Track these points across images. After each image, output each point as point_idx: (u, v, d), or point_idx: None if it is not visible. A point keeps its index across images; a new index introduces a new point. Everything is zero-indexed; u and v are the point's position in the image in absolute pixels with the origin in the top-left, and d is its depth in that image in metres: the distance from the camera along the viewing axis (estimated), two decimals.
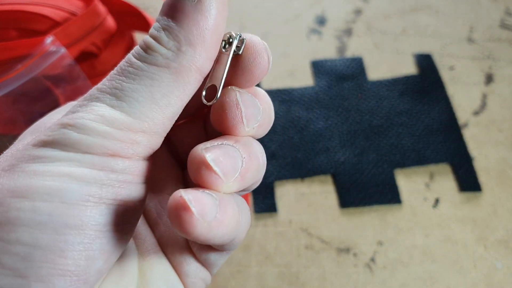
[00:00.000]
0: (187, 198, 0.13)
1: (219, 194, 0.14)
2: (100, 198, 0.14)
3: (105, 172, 0.14)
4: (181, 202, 0.13)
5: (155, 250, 0.18)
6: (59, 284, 0.13)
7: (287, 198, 0.37)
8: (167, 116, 0.14)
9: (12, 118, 0.34)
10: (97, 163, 0.14)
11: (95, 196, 0.13)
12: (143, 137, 0.14)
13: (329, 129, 0.40)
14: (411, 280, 0.34)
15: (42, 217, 0.13)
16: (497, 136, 0.40)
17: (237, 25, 0.48)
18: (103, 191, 0.14)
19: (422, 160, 0.39)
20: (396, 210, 0.37)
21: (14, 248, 0.12)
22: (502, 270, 0.34)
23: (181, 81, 0.14)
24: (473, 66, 0.45)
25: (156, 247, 0.18)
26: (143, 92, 0.14)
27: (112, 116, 0.14)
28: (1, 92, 0.31)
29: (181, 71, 0.14)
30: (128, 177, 0.14)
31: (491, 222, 0.36)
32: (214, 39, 0.15)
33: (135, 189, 0.15)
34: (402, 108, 0.42)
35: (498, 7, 0.49)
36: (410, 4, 0.50)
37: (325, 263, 0.34)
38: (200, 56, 0.14)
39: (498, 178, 0.38)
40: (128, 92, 0.14)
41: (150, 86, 0.14)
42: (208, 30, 0.14)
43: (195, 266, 0.18)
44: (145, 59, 0.14)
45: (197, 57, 0.14)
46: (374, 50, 0.46)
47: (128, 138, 0.14)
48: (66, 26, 0.32)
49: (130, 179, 0.14)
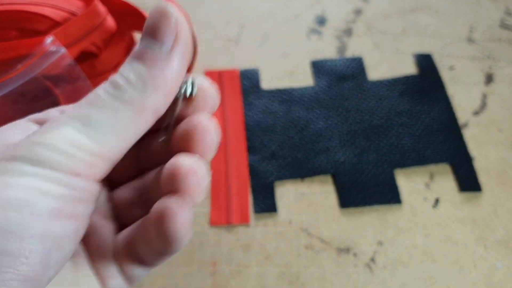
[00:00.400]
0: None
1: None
2: (62, 212, 0.15)
3: (67, 189, 0.15)
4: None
5: (85, 262, 0.19)
6: None
7: (287, 198, 0.37)
8: (123, 146, 0.17)
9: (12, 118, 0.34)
10: (62, 180, 0.15)
11: (58, 210, 0.15)
12: (101, 162, 0.16)
13: (329, 129, 0.40)
14: (411, 280, 0.34)
15: (12, 226, 0.14)
16: (497, 136, 0.41)
17: (236, 26, 0.48)
18: (65, 206, 0.15)
19: (422, 160, 0.39)
20: (396, 210, 0.37)
21: None
22: (502, 270, 0.34)
23: (141, 118, 0.17)
24: (473, 66, 0.45)
25: (86, 260, 0.19)
26: (107, 122, 0.16)
27: (78, 139, 0.15)
28: (1, 92, 0.31)
29: (142, 109, 0.16)
30: (84, 196, 0.16)
31: (491, 222, 0.36)
32: (174, 86, 0.17)
33: (88, 207, 0.17)
34: (402, 108, 0.42)
35: (498, 7, 0.49)
36: (410, 4, 0.50)
37: (325, 263, 0.34)
38: (160, 99, 0.17)
39: (498, 178, 0.38)
40: (94, 121, 0.16)
41: (113, 118, 0.16)
42: (171, 78, 0.17)
43: (119, 280, 0.19)
44: (113, 94, 0.16)
45: (158, 99, 0.17)
46: (374, 50, 0.46)
47: (90, 161, 0.16)
48: (66, 26, 0.33)
49: (86, 198, 0.16)
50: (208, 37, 0.47)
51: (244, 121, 0.41)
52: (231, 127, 0.41)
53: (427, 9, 0.49)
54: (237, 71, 0.44)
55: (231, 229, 0.36)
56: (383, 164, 0.38)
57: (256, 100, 0.42)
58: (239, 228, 0.36)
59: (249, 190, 0.38)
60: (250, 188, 0.38)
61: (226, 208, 0.37)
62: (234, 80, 0.44)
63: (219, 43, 0.47)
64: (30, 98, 0.34)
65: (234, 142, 0.40)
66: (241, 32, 0.47)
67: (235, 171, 0.38)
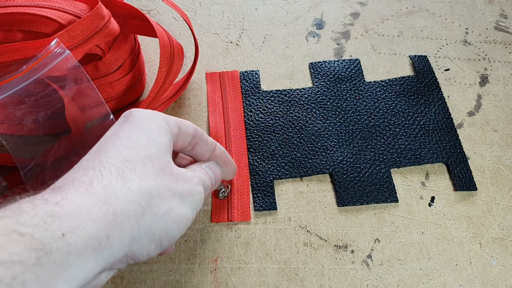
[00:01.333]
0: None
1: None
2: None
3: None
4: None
5: None
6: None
7: (286, 197, 0.38)
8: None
9: (17, 119, 0.34)
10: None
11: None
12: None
13: (327, 129, 0.41)
14: (407, 277, 0.34)
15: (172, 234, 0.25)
16: (492, 136, 0.41)
17: (237, 28, 0.48)
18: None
19: (418, 159, 0.39)
20: (393, 208, 0.37)
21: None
22: (497, 267, 0.35)
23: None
24: (468, 68, 0.46)
25: None
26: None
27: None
28: (7, 93, 0.31)
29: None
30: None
31: (486, 220, 0.37)
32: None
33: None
34: (398, 108, 0.42)
35: (493, 10, 0.50)
36: (407, 7, 0.50)
37: (323, 259, 0.35)
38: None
39: (493, 177, 0.39)
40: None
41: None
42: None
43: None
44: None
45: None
46: (371, 52, 0.47)
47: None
48: (71, 29, 0.33)
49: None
50: (210, 39, 0.48)
51: (244, 121, 0.42)
52: (232, 127, 0.41)
53: (423, 11, 0.50)
54: (238, 73, 0.45)
55: (232, 226, 0.36)
56: (380, 163, 0.39)
57: (256, 101, 0.43)
58: (240, 226, 0.37)
59: (250, 189, 0.38)
60: (250, 187, 0.38)
61: (227, 205, 0.37)
62: (234, 81, 0.44)
63: (220, 45, 0.47)
64: (35, 99, 0.34)
65: (234, 142, 0.40)
66: (241, 34, 0.48)
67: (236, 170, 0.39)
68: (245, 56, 0.46)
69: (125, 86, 0.39)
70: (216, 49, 0.47)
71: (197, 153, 0.30)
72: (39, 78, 0.32)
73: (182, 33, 0.48)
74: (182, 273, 0.34)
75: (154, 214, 0.22)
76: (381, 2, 0.51)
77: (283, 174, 0.39)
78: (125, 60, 0.39)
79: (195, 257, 0.35)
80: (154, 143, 0.24)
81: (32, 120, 0.35)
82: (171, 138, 0.26)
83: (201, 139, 0.29)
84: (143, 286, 0.34)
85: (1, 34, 0.33)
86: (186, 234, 0.36)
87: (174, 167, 0.25)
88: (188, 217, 0.24)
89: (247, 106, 0.42)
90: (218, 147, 0.31)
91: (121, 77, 0.39)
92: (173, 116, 0.28)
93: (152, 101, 0.38)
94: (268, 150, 0.40)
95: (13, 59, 0.32)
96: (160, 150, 0.24)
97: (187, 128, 0.28)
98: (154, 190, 0.22)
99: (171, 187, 0.23)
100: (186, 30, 0.48)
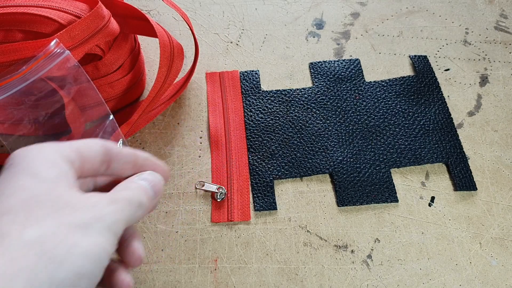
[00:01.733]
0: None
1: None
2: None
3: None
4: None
5: None
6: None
7: (286, 197, 0.38)
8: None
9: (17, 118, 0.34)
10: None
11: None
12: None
13: (327, 129, 0.41)
14: (407, 277, 0.34)
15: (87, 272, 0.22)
16: (492, 136, 0.41)
17: (237, 28, 0.48)
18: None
19: (418, 159, 0.39)
20: (393, 208, 0.37)
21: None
22: (497, 267, 0.35)
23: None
24: (468, 68, 0.46)
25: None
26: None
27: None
28: (7, 93, 0.31)
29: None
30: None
31: (486, 220, 0.37)
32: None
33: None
34: (398, 108, 0.42)
35: (493, 10, 0.50)
36: (407, 7, 0.50)
37: (323, 259, 0.35)
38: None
39: (493, 177, 0.39)
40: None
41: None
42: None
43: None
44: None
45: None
46: (371, 52, 0.47)
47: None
48: (71, 29, 0.33)
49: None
50: (210, 39, 0.48)
51: (244, 121, 0.42)
52: (232, 127, 0.41)
53: (423, 11, 0.50)
54: (238, 73, 0.45)
55: (232, 226, 0.36)
56: (380, 163, 0.39)
57: (256, 101, 0.43)
58: (240, 226, 0.37)
59: (250, 189, 0.38)
60: (250, 187, 0.38)
61: (227, 205, 0.37)
62: (235, 81, 0.44)
63: (220, 45, 0.47)
64: (35, 100, 0.34)
65: (234, 142, 0.40)
66: (241, 34, 0.48)
67: (236, 170, 0.39)
68: (245, 56, 0.46)
69: (125, 86, 0.40)
70: (216, 49, 0.47)
71: (116, 170, 0.26)
72: (39, 78, 0.32)
73: (182, 33, 0.48)
74: (182, 273, 0.34)
75: (54, 259, 0.19)
76: (381, 2, 0.51)
77: (283, 174, 0.39)
78: (125, 60, 0.39)
79: (195, 257, 0.35)
80: (40, 179, 0.22)
81: (32, 120, 0.35)
82: (68, 166, 0.23)
83: (114, 154, 0.26)
84: (143, 286, 0.34)
85: (1, 34, 0.33)
86: (186, 234, 0.36)
87: (70, 197, 0.22)
88: (101, 246, 0.21)
89: (247, 106, 0.42)
90: (140, 155, 0.27)
91: (121, 77, 0.39)
92: (70, 141, 0.25)
93: (152, 101, 0.38)
94: (268, 150, 0.40)
95: (13, 59, 0.32)
96: (49, 185, 0.22)
97: (91, 148, 0.25)
98: (44, 232, 0.19)
99: (68, 220, 0.20)
100: (186, 30, 0.48)
